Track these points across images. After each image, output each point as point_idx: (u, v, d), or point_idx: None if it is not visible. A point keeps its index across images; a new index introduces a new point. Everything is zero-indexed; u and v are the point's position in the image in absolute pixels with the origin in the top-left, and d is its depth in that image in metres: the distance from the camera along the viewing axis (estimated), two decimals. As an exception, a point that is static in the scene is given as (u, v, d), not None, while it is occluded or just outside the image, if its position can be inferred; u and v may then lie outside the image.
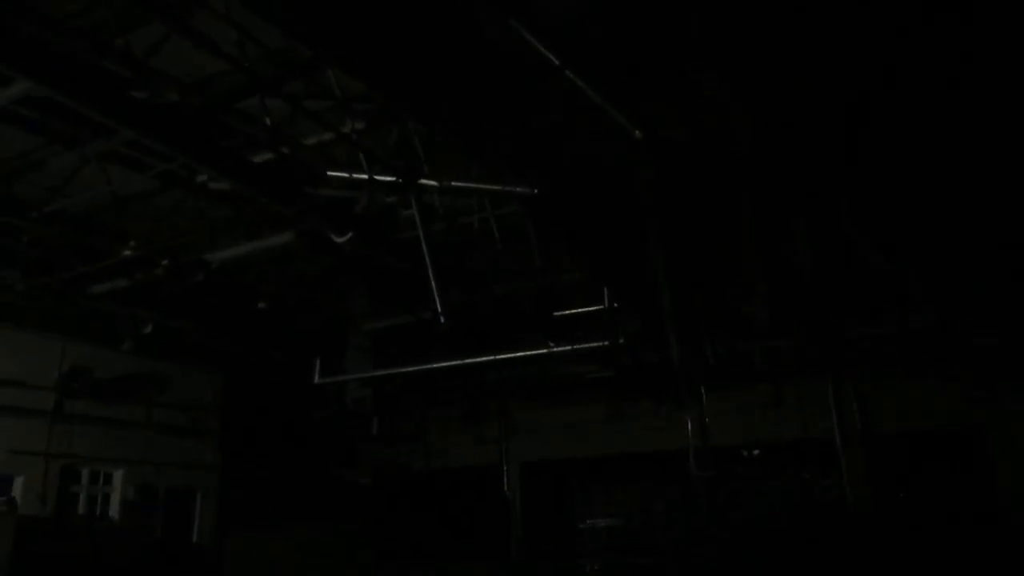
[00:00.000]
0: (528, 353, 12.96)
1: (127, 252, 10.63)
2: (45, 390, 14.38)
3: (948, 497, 15.21)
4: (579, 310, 13.11)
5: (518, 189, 9.27)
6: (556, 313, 12.83)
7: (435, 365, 13.53)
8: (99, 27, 6.78)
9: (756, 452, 17.54)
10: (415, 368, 13.82)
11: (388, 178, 8.77)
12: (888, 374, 16.04)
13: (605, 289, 12.14)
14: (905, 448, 16.02)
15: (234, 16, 6.96)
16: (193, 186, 10.01)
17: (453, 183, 9.34)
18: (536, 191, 9.18)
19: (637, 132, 8.04)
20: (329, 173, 9.09)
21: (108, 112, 6.57)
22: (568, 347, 12.36)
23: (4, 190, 9.62)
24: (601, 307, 12.32)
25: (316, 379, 15.44)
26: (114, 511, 15.41)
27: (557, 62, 6.72)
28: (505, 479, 20.21)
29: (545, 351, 12.47)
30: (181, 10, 6.49)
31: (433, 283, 9.34)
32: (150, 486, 16.02)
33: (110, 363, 15.21)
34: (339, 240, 8.94)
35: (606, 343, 12.26)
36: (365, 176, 8.82)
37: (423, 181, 9.03)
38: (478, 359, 13.15)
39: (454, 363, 13.31)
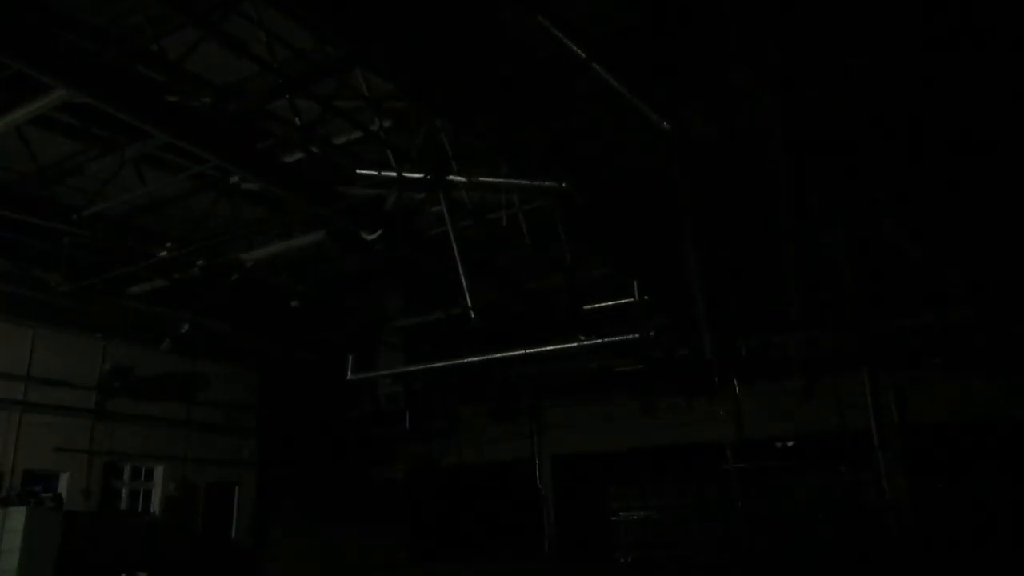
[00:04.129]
0: (558, 347, 12.94)
1: (163, 253, 10.85)
2: (88, 389, 14.75)
3: (988, 490, 14.92)
4: (609, 303, 13.07)
5: (546, 183, 9.29)
6: (586, 307, 12.81)
7: (466, 360, 13.59)
8: (134, 32, 6.94)
9: (791, 443, 17.36)
10: (446, 363, 13.89)
11: (416, 175, 8.85)
12: (926, 366, 15.79)
13: (635, 283, 12.09)
14: (944, 441, 15.74)
15: (264, 20, 7.08)
16: (226, 187, 10.18)
17: (481, 179, 9.39)
18: (564, 185, 9.19)
19: (665, 124, 8.01)
20: (358, 172, 9.21)
21: (143, 117, 6.71)
22: (598, 340, 12.31)
23: (46, 194, 9.87)
24: (631, 300, 12.28)
25: (349, 375, 15.59)
26: (155, 506, 15.76)
27: (583, 56, 6.73)
28: (537, 473, 20.28)
29: (575, 344, 12.44)
30: (214, 15, 6.60)
31: (463, 279, 9.42)
32: (190, 482, 16.34)
33: (150, 362, 15.55)
34: (369, 238, 9.05)
35: (636, 336, 12.20)
36: (394, 174, 8.91)
37: (451, 177, 9.10)
38: (509, 353, 13.16)
39: (485, 358, 13.36)
